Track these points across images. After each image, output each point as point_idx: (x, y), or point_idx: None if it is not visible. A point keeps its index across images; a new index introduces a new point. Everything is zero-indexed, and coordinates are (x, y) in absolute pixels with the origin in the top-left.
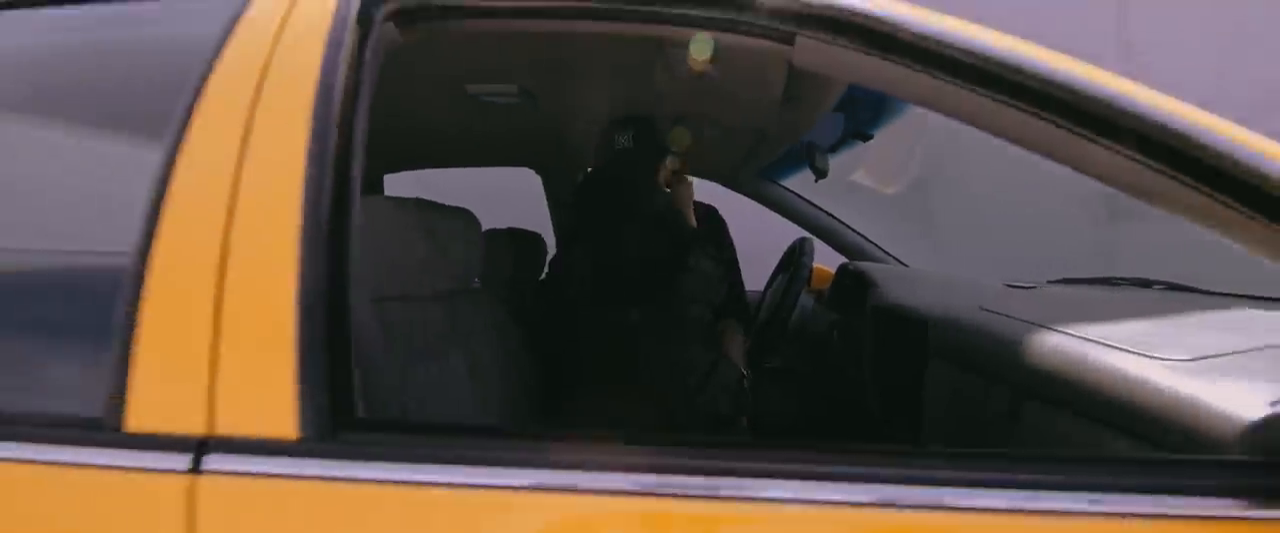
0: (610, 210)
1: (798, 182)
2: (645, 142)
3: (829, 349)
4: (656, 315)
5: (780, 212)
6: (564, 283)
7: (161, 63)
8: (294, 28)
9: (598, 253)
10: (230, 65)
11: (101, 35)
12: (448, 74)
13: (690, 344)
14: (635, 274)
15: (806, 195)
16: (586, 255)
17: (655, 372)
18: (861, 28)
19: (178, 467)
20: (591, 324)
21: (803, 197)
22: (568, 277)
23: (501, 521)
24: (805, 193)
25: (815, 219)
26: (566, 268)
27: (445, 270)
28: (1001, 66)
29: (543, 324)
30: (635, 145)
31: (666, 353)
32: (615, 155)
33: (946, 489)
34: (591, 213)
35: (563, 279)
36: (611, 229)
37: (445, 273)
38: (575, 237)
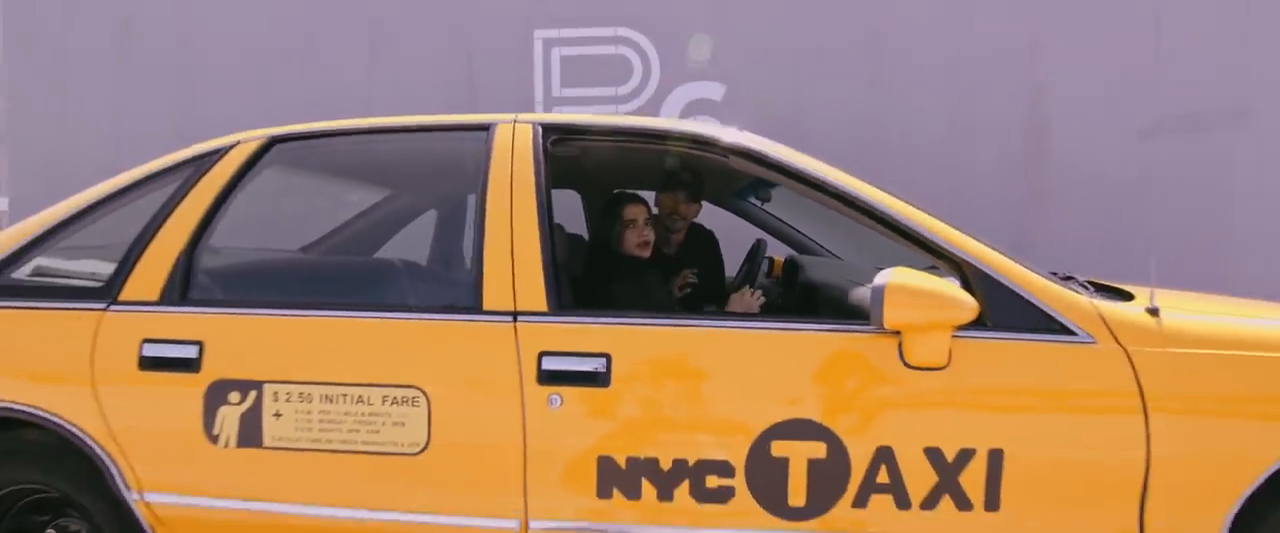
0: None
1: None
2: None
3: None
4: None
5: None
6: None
7: (465, 163)
8: (518, 148)
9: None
10: (496, 165)
11: (439, 147)
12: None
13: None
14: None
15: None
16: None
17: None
18: (755, 154)
19: (507, 323)
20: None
21: (769, 212)
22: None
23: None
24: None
25: (775, 226)
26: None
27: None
28: (817, 180)
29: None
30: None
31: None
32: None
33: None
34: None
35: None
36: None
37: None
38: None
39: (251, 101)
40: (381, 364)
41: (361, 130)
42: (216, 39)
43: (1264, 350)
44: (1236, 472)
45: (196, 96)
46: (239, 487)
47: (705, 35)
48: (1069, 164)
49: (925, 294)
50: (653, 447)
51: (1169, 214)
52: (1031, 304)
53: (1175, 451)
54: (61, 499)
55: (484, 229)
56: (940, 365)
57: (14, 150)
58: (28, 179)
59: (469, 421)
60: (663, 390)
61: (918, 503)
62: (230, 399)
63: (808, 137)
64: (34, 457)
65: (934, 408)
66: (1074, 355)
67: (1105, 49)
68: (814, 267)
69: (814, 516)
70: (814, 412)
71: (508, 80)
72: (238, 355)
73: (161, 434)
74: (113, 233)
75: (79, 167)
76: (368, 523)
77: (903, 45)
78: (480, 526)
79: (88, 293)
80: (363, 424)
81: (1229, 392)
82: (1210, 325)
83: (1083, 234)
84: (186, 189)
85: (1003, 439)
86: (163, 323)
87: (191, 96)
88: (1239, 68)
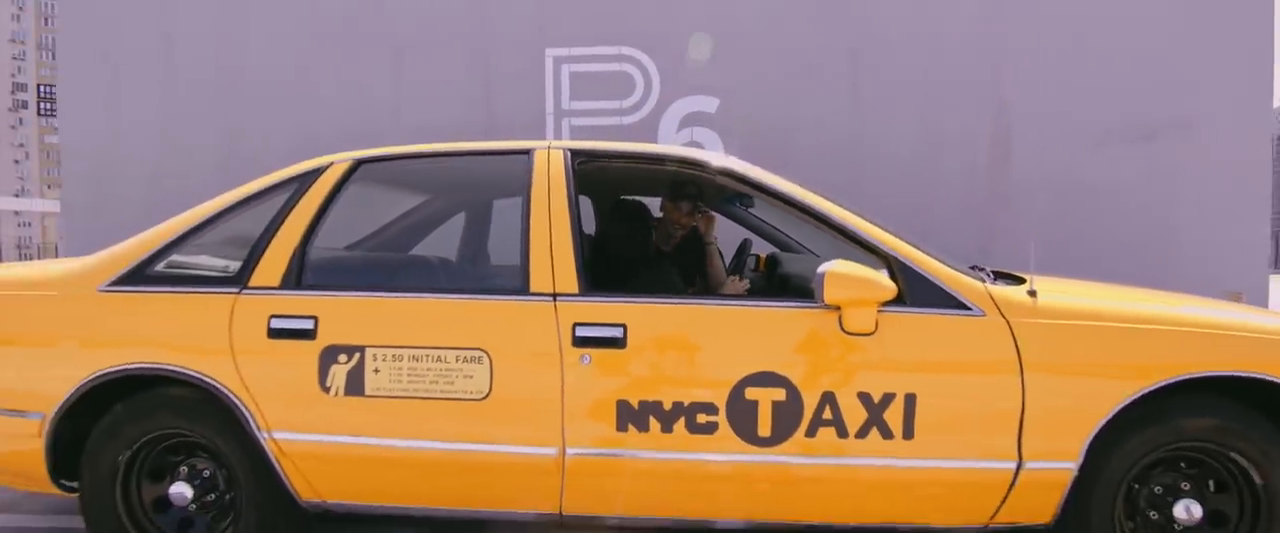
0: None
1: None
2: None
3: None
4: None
5: (742, 225)
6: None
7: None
8: (552, 168)
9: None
10: (537, 181)
11: (489, 166)
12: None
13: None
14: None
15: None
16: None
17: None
18: (736, 174)
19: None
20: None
21: (757, 216)
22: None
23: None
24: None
25: (760, 228)
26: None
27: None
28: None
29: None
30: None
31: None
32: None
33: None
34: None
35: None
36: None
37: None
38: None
39: (286, 114)
40: (454, 332)
41: (427, 154)
42: (254, 57)
43: (1114, 322)
44: (1090, 412)
45: (235, 110)
46: (346, 425)
47: (705, 35)
48: (1028, 171)
49: (855, 278)
50: (657, 393)
51: (1119, 216)
52: (937, 286)
53: (1043, 395)
54: (195, 442)
55: (529, 230)
56: (869, 332)
57: (67, 158)
58: (79, 184)
59: (521, 374)
60: (665, 351)
61: (853, 434)
62: (339, 360)
63: (793, 146)
64: (180, 408)
65: (864, 364)
66: (968, 325)
67: (1061, 67)
68: (790, 261)
69: (777, 443)
70: (776, 366)
71: (522, 94)
72: (345, 327)
73: (285, 387)
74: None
75: (126, 173)
76: (443, 452)
77: (879, 65)
78: (529, 452)
79: (223, 280)
80: (440, 377)
81: (1085, 353)
82: (1075, 304)
83: (1041, 234)
84: (296, 200)
85: (916, 387)
86: (285, 303)
87: (230, 110)
88: (1183, 83)
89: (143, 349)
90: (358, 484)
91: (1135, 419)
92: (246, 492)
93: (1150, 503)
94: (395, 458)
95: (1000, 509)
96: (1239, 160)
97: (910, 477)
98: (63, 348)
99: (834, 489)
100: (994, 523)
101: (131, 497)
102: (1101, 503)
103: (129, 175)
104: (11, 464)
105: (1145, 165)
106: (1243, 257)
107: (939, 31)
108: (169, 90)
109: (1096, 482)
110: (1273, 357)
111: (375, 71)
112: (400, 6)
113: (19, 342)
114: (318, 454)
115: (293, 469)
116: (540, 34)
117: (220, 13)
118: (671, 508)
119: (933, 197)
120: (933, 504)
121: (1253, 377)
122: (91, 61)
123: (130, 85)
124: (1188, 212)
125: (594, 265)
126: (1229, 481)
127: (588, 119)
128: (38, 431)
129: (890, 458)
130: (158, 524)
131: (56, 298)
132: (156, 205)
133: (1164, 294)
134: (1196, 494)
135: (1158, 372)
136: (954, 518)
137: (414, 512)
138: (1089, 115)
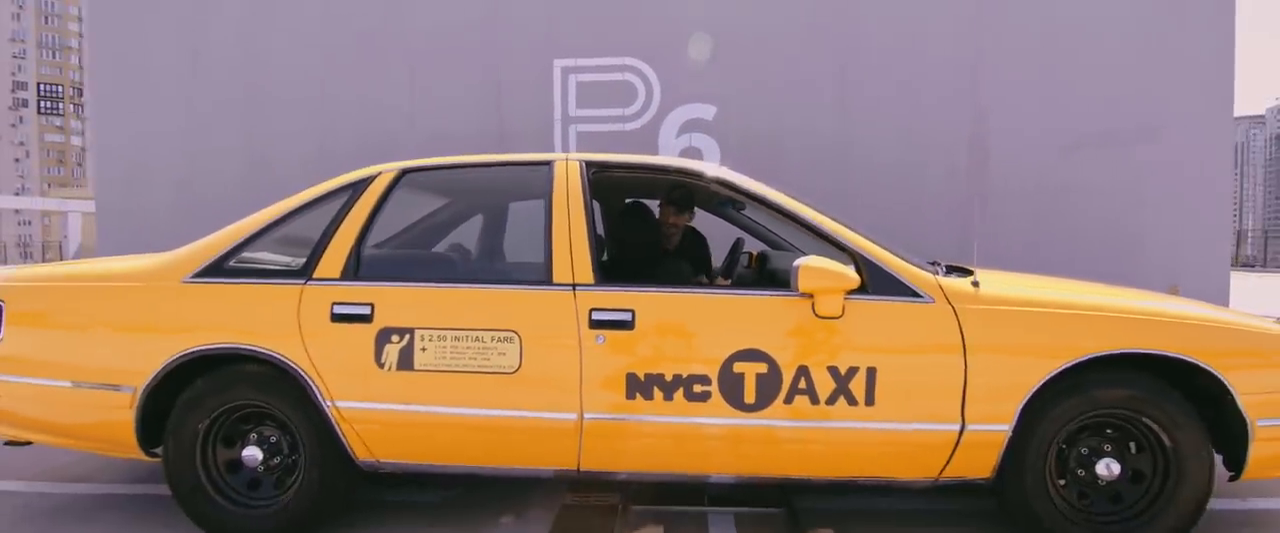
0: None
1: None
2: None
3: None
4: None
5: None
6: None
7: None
8: (570, 177)
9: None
10: (557, 189)
11: (506, 176)
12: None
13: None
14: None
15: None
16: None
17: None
18: (728, 183)
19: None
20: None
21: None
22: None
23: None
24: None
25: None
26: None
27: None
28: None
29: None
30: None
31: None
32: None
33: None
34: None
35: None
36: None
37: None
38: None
39: (306, 121)
40: (490, 317)
41: (462, 164)
42: (276, 68)
43: (1041, 309)
44: (1020, 384)
45: (258, 120)
46: (397, 395)
47: (704, 34)
48: (1004, 175)
49: (824, 271)
50: (660, 367)
51: (1088, 216)
52: (894, 278)
53: (982, 369)
54: (265, 412)
55: (551, 230)
56: (837, 316)
57: (101, 163)
58: (111, 186)
59: (546, 352)
60: (667, 333)
61: (824, 401)
62: (392, 339)
63: (784, 150)
64: (254, 382)
65: (833, 343)
66: (920, 311)
67: (1034, 79)
68: (777, 258)
69: (760, 409)
70: (759, 344)
71: (531, 102)
72: (397, 312)
73: (346, 363)
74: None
75: (155, 176)
76: (480, 417)
77: (865, 76)
78: (552, 417)
79: (291, 273)
80: (478, 355)
81: (1016, 335)
82: (1011, 293)
83: (1015, 233)
84: (351, 204)
85: (876, 362)
86: (345, 292)
87: (254, 120)
88: (1148, 93)
89: (223, 332)
90: (407, 446)
91: (1061, 390)
92: (309, 454)
93: (1078, 463)
94: (439, 423)
95: (948, 465)
96: (1201, 164)
97: (872, 437)
98: (152, 332)
99: (808, 448)
100: (943, 477)
101: (209, 460)
102: (1035, 462)
103: (159, 180)
104: (105, 432)
105: (1113, 169)
106: (1204, 253)
107: (921, 47)
108: (196, 101)
109: (1029, 443)
110: (1171, 337)
111: (392, 82)
112: (416, 21)
113: (113, 327)
114: (373, 420)
115: (351, 433)
116: (549, 46)
117: (244, 29)
118: (672, 464)
119: (915, 198)
120: (891, 461)
121: (1154, 354)
122: (124, 73)
123: (160, 96)
124: (1153, 211)
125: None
126: (1145, 443)
127: (593, 125)
128: (129, 403)
129: (855, 421)
130: (230, 484)
131: (144, 289)
132: (184, 208)
133: (1097, 286)
134: (1117, 455)
135: (1075, 351)
136: (909, 472)
137: (453, 470)
138: (1060, 123)
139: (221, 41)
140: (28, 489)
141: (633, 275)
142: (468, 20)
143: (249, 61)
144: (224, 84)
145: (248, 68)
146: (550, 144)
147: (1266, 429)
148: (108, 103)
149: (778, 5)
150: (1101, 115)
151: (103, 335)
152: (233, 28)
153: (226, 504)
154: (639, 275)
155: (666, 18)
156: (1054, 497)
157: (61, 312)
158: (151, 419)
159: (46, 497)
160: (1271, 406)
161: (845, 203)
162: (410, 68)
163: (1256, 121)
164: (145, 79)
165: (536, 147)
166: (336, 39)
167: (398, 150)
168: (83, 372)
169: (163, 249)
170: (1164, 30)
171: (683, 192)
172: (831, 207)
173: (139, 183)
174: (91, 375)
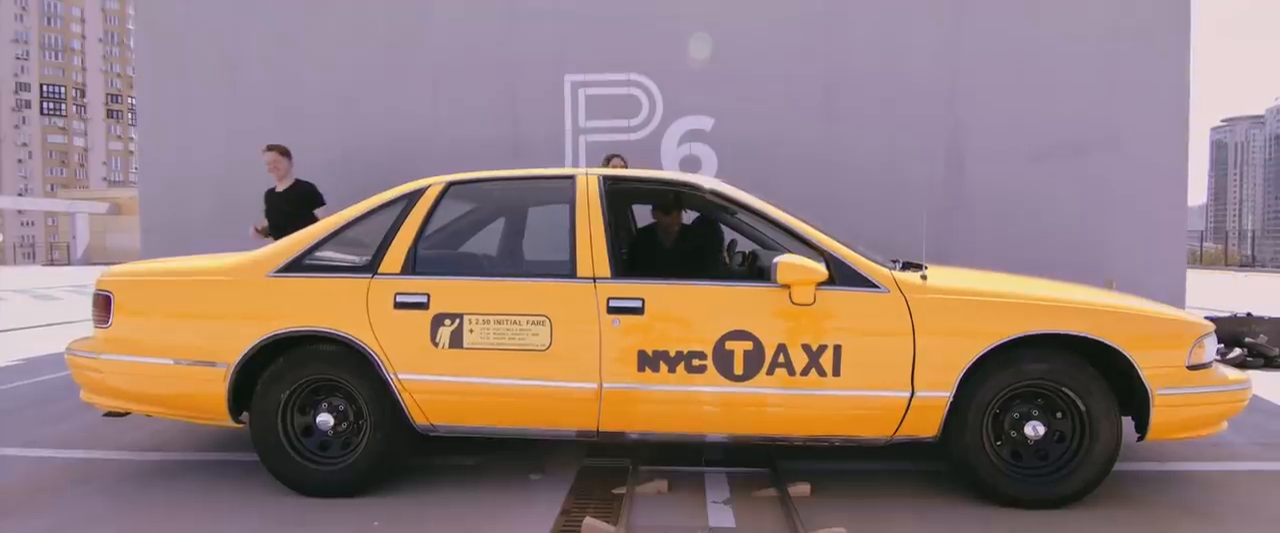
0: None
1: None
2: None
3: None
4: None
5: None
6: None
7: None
8: (590, 189)
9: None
10: (579, 199)
11: (535, 187)
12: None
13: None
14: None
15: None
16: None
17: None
18: (722, 194)
19: (590, 283)
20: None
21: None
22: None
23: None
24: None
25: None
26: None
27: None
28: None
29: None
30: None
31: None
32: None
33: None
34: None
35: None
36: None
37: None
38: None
39: (336, 130)
40: (526, 304)
41: (500, 178)
42: (308, 81)
43: (976, 298)
44: (958, 360)
45: (291, 127)
46: (450, 368)
47: (705, 34)
48: (979, 182)
49: (798, 266)
50: (665, 345)
51: (1054, 220)
52: (856, 272)
53: (928, 347)
54: (335, 385)
55: (574, 232)
56: (809, 303)
57: (145, 167)
58: (154, 188)
59: (572, 333)
60: (671, 316)
61: (799, 372)
62: (445, 323)
63: (776, 159)
64: (327, 359)
65: (806, 325)
66: (877, 299)
67: (1006, 94)
68: (765, 256)
69: (747, 379)
70: (747, 326)
71: (544, 113)
72: (449, 300)
73: (406, 342)
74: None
75: (195, 182)
76: (518, 387)
77: (850, 92)
78: (577, 386)
79: (359, 268)
80: (516, 335)
81: (955, 320)
82: (953, 285)
83: (989, 236)
84: (408, 211)
85: (841, 340)
86: (406, 284)
87: (287, 127)
88: (1111, 104)
89: (304, 318)
90: (456, 411)
91: (994, 365)
92: (373, 419)
93: (1011, 425)
94: (484, 391)
95: (901, 425)
96: (1159, 171)
97: (839, 402)
98: (243, 318)
99: (787, 412)
100: (897, 436)
101: (287, 425)
102: (974, 424)
103: (199, 184)
104: (200, 403)
105: (1077, 177)
106: (1162, 253)
107: (901, 67)
108: (234, 109)
109: (968, 408)
110: (1081, 321)
111: (416, 94)
112: (438, 38)
113: (207, 316)
114: (429, 389)
115: (411, 401)
116: (560, 62)
117: (279, 42)
118: (675, 426)
119: (896, 203)
120: (855, 422)
121: (1065, 334)
122: (167, 83)
123: (200, 105)
124: (1115, 215)
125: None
126: (1066, 410)
127: (601, 136)
128: (223, 377)
129: (825, 389)
130: (305, 445)
131: (231, 282)
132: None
133: (1032, 280)
134: (1042, 418)
135: (1000, 333)
136: (869, 431)
137: (495, 431)
138: (1029, 134)
139: (257, 57)
140: (119, 457)
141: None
142: (486, 37)
143: (279, 79)
144: (260, 98)
145: (279, 84)
146: (561, 151)
147: (1165, 398)
148: (151, 117)
149: (771, 28)
150: (1067, 129)
151: (200, 321)
152: (268, 43)
153: (304, 462)
154: (702, 270)
155: (669, 37)
156: (990, 453)
157: (164, 302)
158: (236, 393)
159: (135, 463)
160: (1169, 378)
161: (831, 207)
162: (433, 81)
163: (1256, 122)
164: (187, 93)
165: (549, 154)
166: (364, 57)
167: (422, 156)
168: (184, 351)
169: (203, 251)
170: (1125, 52)
171: (666, 199)
172: (818, 211)
173: (181, 188)
174: (191, 354)
